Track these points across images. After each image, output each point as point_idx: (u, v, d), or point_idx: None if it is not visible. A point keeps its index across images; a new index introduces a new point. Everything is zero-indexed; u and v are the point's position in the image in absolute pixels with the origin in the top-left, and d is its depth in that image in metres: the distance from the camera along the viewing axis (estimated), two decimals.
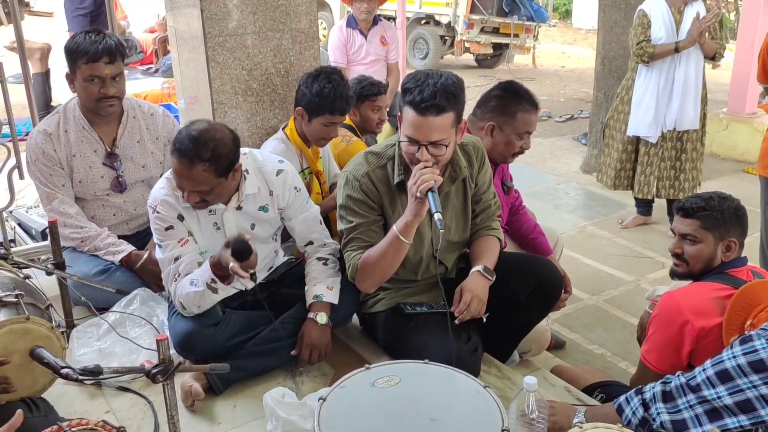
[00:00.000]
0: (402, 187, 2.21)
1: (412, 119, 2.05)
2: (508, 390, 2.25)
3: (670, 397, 1.70)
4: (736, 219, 2.15)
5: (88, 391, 2.25)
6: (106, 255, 2.67)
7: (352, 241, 2.25)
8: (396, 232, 2.10)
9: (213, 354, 2.18)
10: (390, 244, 2.13)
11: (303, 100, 2.76)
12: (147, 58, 8.62)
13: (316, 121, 2.75)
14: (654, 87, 4.24)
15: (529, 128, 2.58)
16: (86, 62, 2.56)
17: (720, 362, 1.63)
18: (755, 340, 1.59)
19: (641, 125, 4.34)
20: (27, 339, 1.75)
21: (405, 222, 2.09)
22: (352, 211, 2.24)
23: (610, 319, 3.64)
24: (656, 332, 2.10)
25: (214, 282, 2.13)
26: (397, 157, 2.22)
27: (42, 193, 2.72)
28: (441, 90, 2.01)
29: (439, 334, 2.17)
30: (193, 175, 2.09)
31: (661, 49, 4.13)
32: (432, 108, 2.01)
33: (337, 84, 2.72)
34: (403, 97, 2.09)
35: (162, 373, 1.63)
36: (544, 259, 2.52)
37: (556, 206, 5.25)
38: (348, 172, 2.26)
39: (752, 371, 1.57)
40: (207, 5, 2.79)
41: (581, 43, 14.80)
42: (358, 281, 2.26)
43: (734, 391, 1.59)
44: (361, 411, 1.63)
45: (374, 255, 2.18)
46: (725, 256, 2.15)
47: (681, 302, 2.05)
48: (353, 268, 2.23)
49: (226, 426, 2.11)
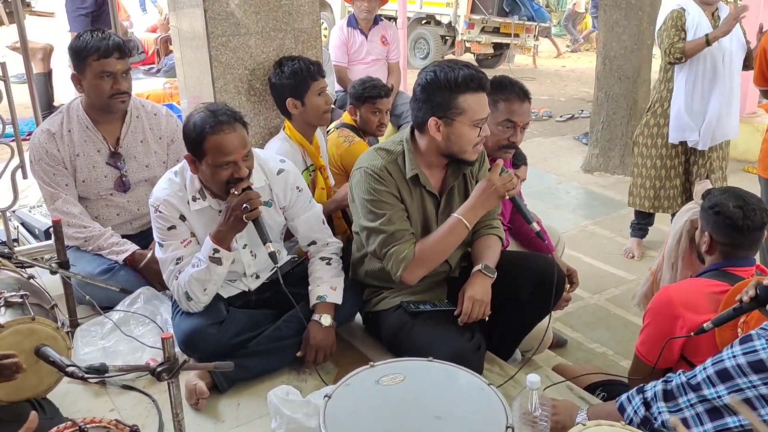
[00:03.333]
0: (416, 181, 2.24)
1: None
2: (511, 388, 2.26)
3: (671, 396, 1.70)
4: (713, 217, 2.08)
5: (92, 389, 2.26)
6: (109, 254, 2.68)
7: (395, 235, 2.19)
8: (460, 218, 2.21)
9: (217, 352, 2.18)
10: (452, 232, 2.21)
11: (285, 90, 2.83)
12: (149, 58, 8.64)
13: (308, 99, 2.80)
14: (697, 89, 3.90)
15: (510, 116, 2.48)
16: (97, 59, 2.56)
17: (720, 361, 1.63)
18: (755, 340, 1.59)
19: (687, 130, 3.95)
20: (32, 339, 1.76)
21: (473, 207, 2.22)
22: (382, 203, 2.20)
23: (611, 318, 3.65)
24: (649, 325, 2.12)
25: (217, 251, 2.17)
26: (407, 152, 2.24)
27: (45, 192, 2.73)
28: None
29: (443, 332, 2.19)
30: (242, 137, 2.16)
31: (691, 45, 3.78)
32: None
33: (299, 58, 2.88)
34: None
35: (167, 371, 1.63)
36: (547, 258, 2.53)
37: (557, 206, 5.26)
38: (363, 167, 2.23)
39: (752, 371, 1.57)
40: (210, 5, 2.80)
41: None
42: (409, 271, 2.21)
43: (734, 390, 1.59)
44: (367, 409, 1.64)
45: (433, 243, 2.23)
46: (702, 248, 2.15)
47: (673, 297, 2.06)
48: (406, 261, 2.19)
49: (231, 424, 2.12)
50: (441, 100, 2.12)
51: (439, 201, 2.32)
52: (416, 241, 2.24)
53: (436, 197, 2.31)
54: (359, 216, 2.27)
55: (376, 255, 2.27)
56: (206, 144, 2.11)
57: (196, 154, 2.17)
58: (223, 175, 2.15)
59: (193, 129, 2.13)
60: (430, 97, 2.14)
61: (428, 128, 2.16)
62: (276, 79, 2.86)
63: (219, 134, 2.10)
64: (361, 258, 2.43)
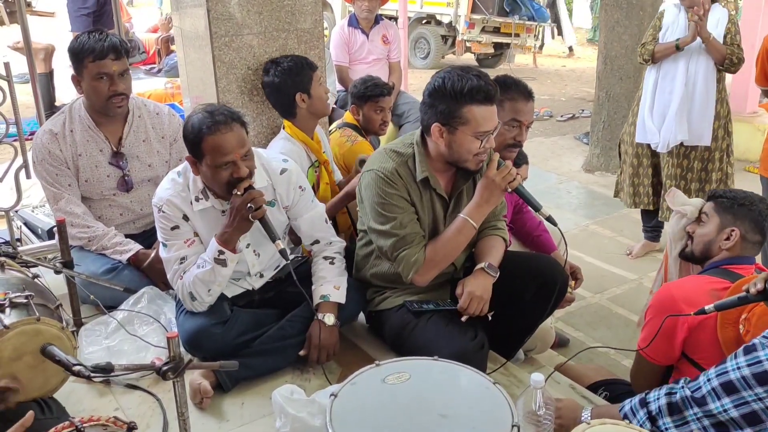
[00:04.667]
0: (426, 184, 2.25)
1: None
2: (514, 387, 2.27)
3: (677, 409, 1.68)
4: (749, 213, 2.15)
5: (97, 389, 2.26)
6: (113, 254, 2.68)
7: (406, 238, 2.21)
8: (466, 218, 2.21)
9: (221, 352, 2.18)
10: (460, 232, 2.22)
11: (290, 87, 2.85)
12: (150, 58, 8.63)
13: (313, 89, 2.85)
14: (659, 92, 3.91)
15: (516, 116, 2.47)
16: (93, 60, 2.56)
17: (724, 373, 1.62)
18: (759, 350, 1.57)
19: (648, 132, 3.98)
20: (38, 339, 1.75)
21: (477, 206, 2.22)
22: (392, 206, 2.21)
23: (613, 317, 3.66)
24: (650, 322, 2.12)
25: (222, 253, 2.17)
26: (418, 155, 2.24)
27: (49, 193, 2.73)
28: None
29: (446, 331, 2.20)
30: (240, 136, 2.15)
31: (661, 47, 3.81)
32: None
33: (285, 56, 2.93)
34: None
35: (172, 370, 1.64)
36: (549, 258, 2.53)
37: (558, 205, 5.26)
38: (374, 169, 2.23)
39: (757, 383, 1.55)
40: (213, 5, 2.81)
41: (582, 42, 14.79)
42: (421, 274, 2.23)
43: (740, 403, 1.57)
44: (373, 407, 1.64)
45: (443, 245, 2.24)
46: (723, 244, 2.16)
47: (675, 293, 2.07)
48: (418, 264, 2.21)
49: (235, 423, 2.13)
50: (445, 108, 2.12)
51: (448, 203, 2.33)
52: (426, 244, 2.25)
53: (445, 200, 2.32)
54: (368, 218, 2.27)
55: (386, 257, 2.28)
56: (204, 145, 2.12)
57: (195, 155, 2.17)
58: (223, 175, 2.15)
59: (192, 130, 2.14)
60: (435, 104, 2.14)
61: (432, 133, 2.17)
62: (277, 80, 2.85)
63: (216, 134, 2.10)
64: (366, 257, 2.44)
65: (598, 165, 6.05)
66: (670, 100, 3.87)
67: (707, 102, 3.83)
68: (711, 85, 3.82)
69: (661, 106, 3.92)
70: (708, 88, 3.82)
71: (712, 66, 3.80)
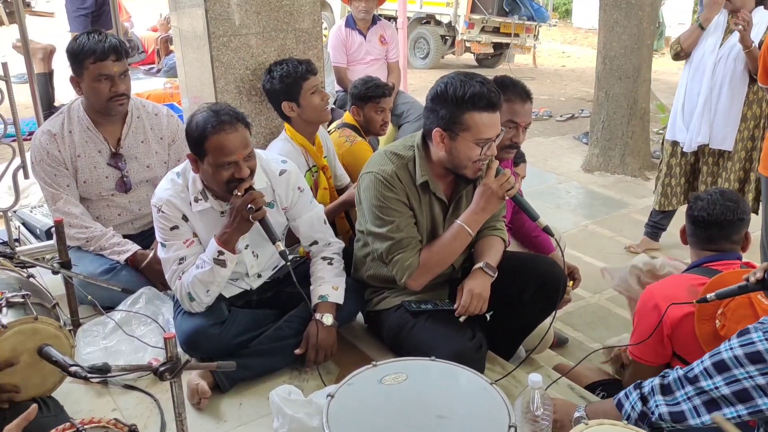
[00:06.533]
0: (425, 187, 2.24)
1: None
2: (512, 388, 2.27)
3: (669, 389, 1.71)
4: (688, 212, 2.28)
5: (95, 389, 2.26)
6: (111, 254, 2.68)
7: (402, 242, 2.21)
8: (462, 225, 2.21)
9: (219, 352, 2.19)
10: (455, 238, 2.22)
11: (279, 95, 2.83)
12: (149, 57, 8.63)
13: (303, 99, 2.80)
14: (688, 91, 3.93)
15: (513, 117, 2.45)
16: (94, 61, 2.56)
17: (717, 353, 1.65)
18: (752, 333, 1.60)
19: (677, 130, 3.98)
20: (36, 339, 1.75)
21: (474, 213, 2.21)
22: (390, 210, 2.20)
23: (611, 317, 3.65)
24: (638, 325, 2.16)
25: (222, 254, 2.17)
26: (418, 158, 2.24)
27: (47, 193, 2.73)
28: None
29: (444, 331, 2.20)
30: (244, 137, 2.15)
31: (685, 33, 3.82)
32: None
33: (287, 60, 2.88)
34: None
35: (170, 370, 1.63)
36: (548, 258, 2.53)
37: (557, 205, 5.26)
38: (374, 172, 2.22)
39: (749, 362, 1.57)
40: (211, 5, 2.80)
41: (581, 42, 14.83)
42: (414, 278, 2.23)
43: (731, 381, 1.59)
44: (369, 408, 1.64)
45: (437, 251, 2.23)
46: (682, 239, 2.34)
47: (654, 291, 2.13)
48: (411, 269, 2.21)
49: (233, 423, 2.12)
50: (447, 114, 2.10)
51: (447, 207, 2.32)
52: (421, 248, 2.25)
53: (444, 203, 2.31)
54: (366, 220, 2.27)
55: (381, 260, 2.28)
56: (207, 143, 2.12)
57: (197, 153, 2.17)
58: (224, 175, 2.15)
59: (196, 128, 2.14)
60: (437, 109, 2.13)
61: (433, 138, 2.16)
62: (268, 86, 2.86)
63: (220, 134, 2.11)
64: (364, 258, 2.43)
65: (597, 165, 6.05)
66: (697, 101, 3.89)
67: (732, 106, 3.80)
68: (738, 90, 3.78)
69: (691, 105, 3.94)
70: (734, 93, 3.78)
71: (741, 71, 3.74)
